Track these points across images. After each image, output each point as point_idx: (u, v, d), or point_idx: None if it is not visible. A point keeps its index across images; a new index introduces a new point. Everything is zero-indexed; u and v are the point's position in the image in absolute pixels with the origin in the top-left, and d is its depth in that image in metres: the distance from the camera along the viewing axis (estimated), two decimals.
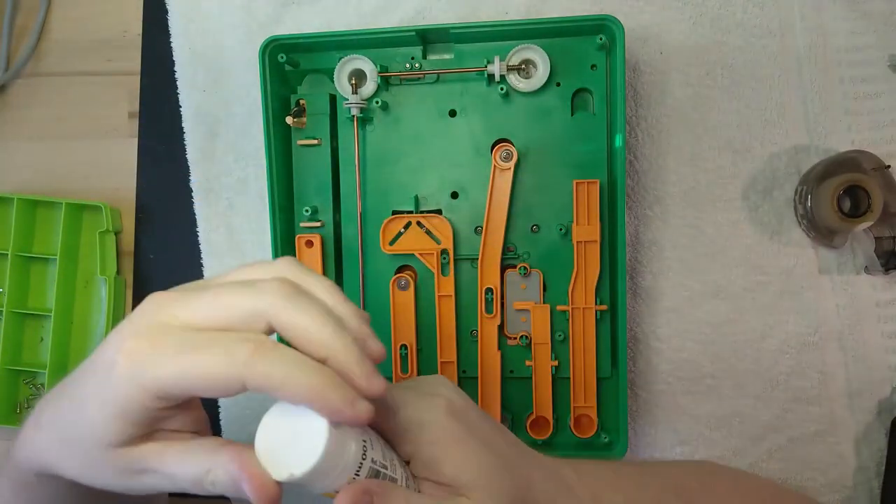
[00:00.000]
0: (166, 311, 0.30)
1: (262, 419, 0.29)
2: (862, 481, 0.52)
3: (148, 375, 0.28)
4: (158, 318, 0.29)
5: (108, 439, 0.29)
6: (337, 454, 0.28)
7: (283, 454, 0.28)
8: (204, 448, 0.30)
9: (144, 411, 0.29)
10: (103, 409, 0.29)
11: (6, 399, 0.57)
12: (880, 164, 0.49)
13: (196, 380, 0.28)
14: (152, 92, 0.58)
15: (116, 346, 0.29)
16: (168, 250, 0.58)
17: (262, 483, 0.28)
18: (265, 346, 0.28)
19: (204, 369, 0.28)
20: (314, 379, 0.27)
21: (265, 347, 0.28)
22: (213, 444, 0.30)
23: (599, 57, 0.49)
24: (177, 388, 0.28)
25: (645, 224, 0.53)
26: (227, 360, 0.27)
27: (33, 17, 0.59)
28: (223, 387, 0.28)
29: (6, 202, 0.56)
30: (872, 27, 0.52)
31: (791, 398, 0.52)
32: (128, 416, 0.29)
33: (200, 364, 0.28)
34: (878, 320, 0.52)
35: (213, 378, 0.28)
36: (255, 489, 0.28)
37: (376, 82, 0.50)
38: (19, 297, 0.57)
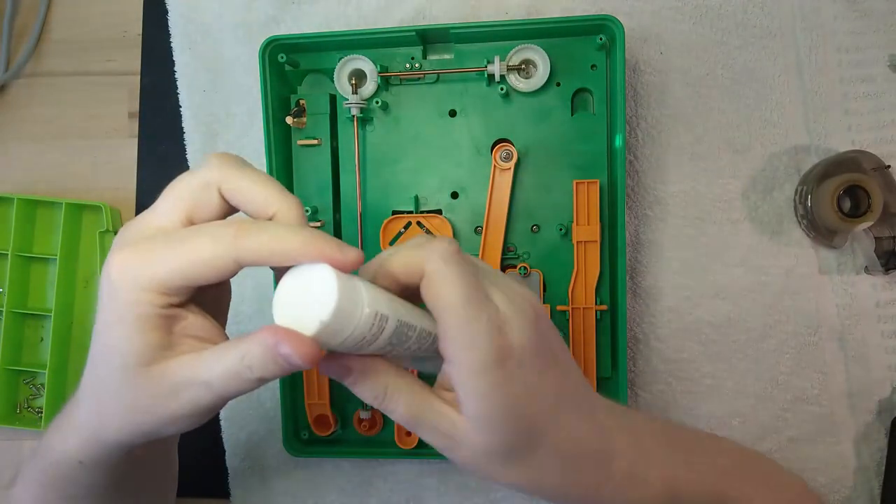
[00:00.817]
0: (137, 225, 0.31)
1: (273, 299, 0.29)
2: (862, 481, 0.52)
3: (145, 276, 0.29)
4: (132, 232, 0.31)
5: (136, 357, 0.30)
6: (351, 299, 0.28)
7: (304, 313, 0.28)
8: (233, 341, 0.30)
9: (156, 313, 0.29)
10: (120, 329, 0.30)
11: (6, 399, 0.57)
12: (880, 164, 0.49)
13: (191, 266, 0.29)
14: (152, 92, 0.58)
15: (108, 270, 0.30)
16: None
17: (299, 341, 0.28)
18: (246, 223, 0.29)
19: (196, 254, 0.29)
20: (298, 236, 0.29)
21: (246, 223, 0.29)
22: (240, 337, 0.30)
23: (599, 57, 0.49)
24: (175, 279, 0.29)
25: (645, 224, 0.53)
26: (214, 243, 0.29)
27: (33, 17, 0.59)
28: (219, 268, 0.29)
29: (6, 202, 0.56)
30: (872, 27, 0.52)
31: (791, 398, 0.52)
32: (142, 323, 0.29)
33: (191, 251, 0.29)
34: (878, 320, 0.52)
35: (206, 262, 0.29)
36: (295, 348, 0.27)
37: (376, 82, 0.50)
38: (19, 297, 0.57)
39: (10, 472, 0.59)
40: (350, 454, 0.53)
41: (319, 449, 0.53)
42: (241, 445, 0.56)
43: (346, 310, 0.28)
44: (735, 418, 0.52)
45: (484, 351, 0.30)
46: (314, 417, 0.53)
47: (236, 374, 0.29)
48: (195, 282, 0.29)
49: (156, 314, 0.30)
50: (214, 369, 0.30)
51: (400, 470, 0.55)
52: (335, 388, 0.53)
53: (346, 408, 0.53)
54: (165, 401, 0.31)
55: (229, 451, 0.56)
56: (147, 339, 0.30)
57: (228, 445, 0.56)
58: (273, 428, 0.55)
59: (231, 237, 0.29)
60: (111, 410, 0.32)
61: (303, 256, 0.29)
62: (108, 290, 0.30)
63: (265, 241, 0.29)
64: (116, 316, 0.30)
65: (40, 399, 0.57)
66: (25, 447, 0.59)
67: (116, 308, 0.30)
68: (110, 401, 0.32)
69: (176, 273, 0.29)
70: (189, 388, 0.30)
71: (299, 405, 0.53)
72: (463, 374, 0.31)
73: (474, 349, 0.30)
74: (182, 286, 0.29)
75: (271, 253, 0.29)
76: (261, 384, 0.30)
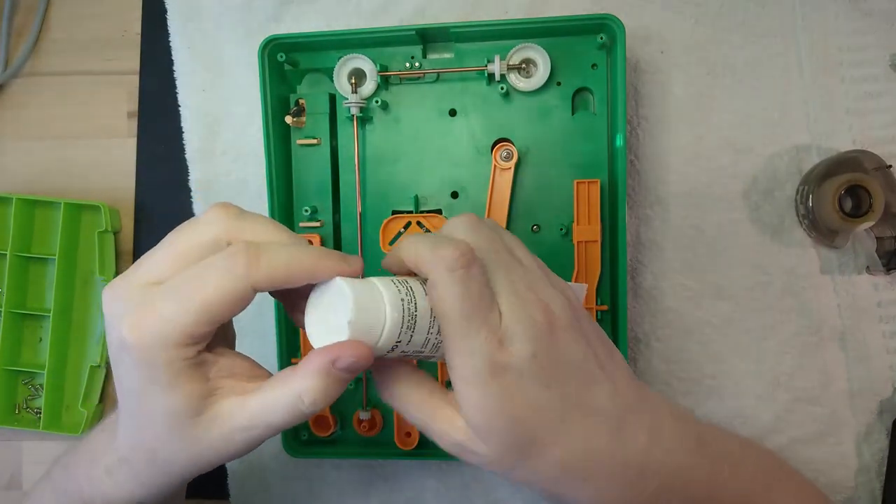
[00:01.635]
0: (134, 281, 0.30)
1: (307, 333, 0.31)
2: (863, 482, 0.51)
3: (168, 333, 0.28)
4: (132, 291, 0.30)
5: (184, 412, 0.30)
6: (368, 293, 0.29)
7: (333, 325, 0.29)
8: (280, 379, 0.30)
9: (189, 366, 0.29)
10: (157, 391, 0.29)
11: (5, 399, 0.57)
12: (882, 163, 0.49)
13: (211, 308, 0.28)
14: (151, 91, 0.58)
15: (121, 336, 0.29)
16: None
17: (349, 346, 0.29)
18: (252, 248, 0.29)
19: (213, 293, 0.28)
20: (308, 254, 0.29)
21: (253, 249, 0.29)
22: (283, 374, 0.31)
23: (600, 56, 0.49)
24: (200, 325, 0.28)
25: (646, 224, 0.53)
26: (229, 277, 0.28)
27: (32, 16, 0.59)
28: (239, 300, 0.29)
29: (5, 202, 0.56)
30: (874, 26, 0.51)
31: (792, 398, 0.52)
32: (179, 380, 0.29)
33: (207, 292, 0.28)
34: (879, 320, 0.51)
35: (224, 299, 0.28)
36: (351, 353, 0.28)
37: (376, 82, 0.50)
38: (18, 298, 0.57)
39: (9, 472, 0.59)
40: (350, 455, 0.53)
41: (319, 450, 0.53)
42: None
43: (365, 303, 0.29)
44: (736, 419, 0.52)
45: (478, 363, 0.30)
46: (314, 418, 0.52)
47: (295, 411, 0.30)
48: (218, 321, 0.29)
49: (189, 366, 0.29)
50: (272, 411, 0.30)
51: (400, 470, 0.55)
52: None
53: (346, 408, 0.53)
54: (221, 446, 0.31)
55: None
56: (188, 391, 0.29)
57: None
58: None
59: (244, 267, 0.28)
60: (168, 465, 0.32)
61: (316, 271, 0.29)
62: (129, 357, 0.29)
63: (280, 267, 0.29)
64: (148, 380, 0.29)
65: (39, 399, 0.57)
66: (24, 449, 0.59)
67: (146, 373, 0.29)
68: (166, 457, 0.32)
69: (199, 318, 0.28)
70: (245, 431, 0.30)
71: None
72: (458, 383, 0.31)
73: (469, 360, 0.30)
74: (207, 331, 0.29)
75: (288, 274, 0.29)
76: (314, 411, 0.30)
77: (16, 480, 0.59)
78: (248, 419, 0.30)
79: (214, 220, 0.31)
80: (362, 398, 0.52)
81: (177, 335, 0.28)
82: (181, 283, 0.29)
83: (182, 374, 0.29)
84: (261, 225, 0.31)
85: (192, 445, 0.31)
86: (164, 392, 0.29)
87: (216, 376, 0.31)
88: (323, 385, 0.29)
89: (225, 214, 0.31)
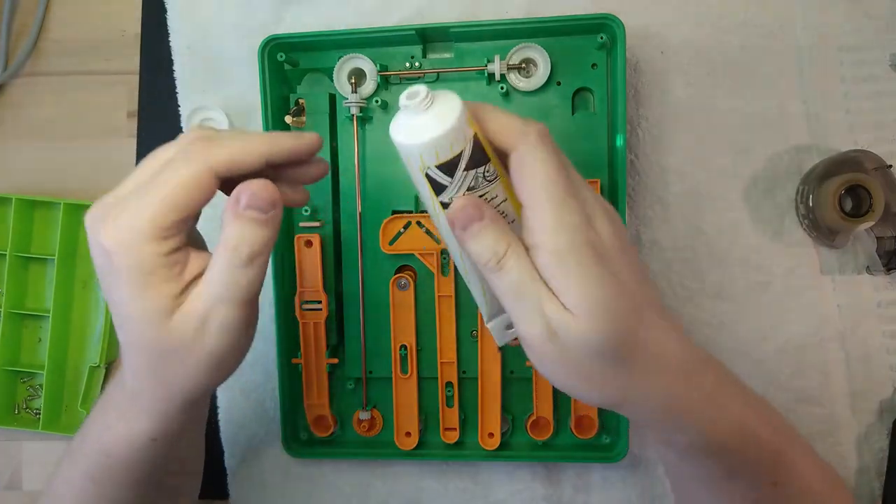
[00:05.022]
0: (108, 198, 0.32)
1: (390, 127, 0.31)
2: (863, 482, 0.51)
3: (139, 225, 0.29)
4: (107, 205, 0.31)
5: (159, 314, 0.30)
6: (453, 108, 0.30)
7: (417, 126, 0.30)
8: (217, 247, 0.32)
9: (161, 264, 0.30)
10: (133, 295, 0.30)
11: (4, 399, 0.57)
12: (882, 163, 0.49)
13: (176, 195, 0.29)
14: (151, 91, 0.58)
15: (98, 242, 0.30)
16: None
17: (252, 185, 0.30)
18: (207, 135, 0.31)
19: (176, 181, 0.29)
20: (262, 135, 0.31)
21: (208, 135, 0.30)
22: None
23: (600, 56, 0.49)
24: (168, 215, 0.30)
25: (646, 224, 0.53)
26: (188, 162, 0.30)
27: (32, 17, 0.59)
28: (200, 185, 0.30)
29: (4, 202, 0.56)
30: (873, 26, 0.51)
31: (792, 399, 0.52)
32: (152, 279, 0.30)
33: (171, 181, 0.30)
34: (879, 320, 0.51)
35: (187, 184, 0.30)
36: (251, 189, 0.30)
37: (376, 81, 0.50)
38: (17, 298, 0.57)
39: (9, 472, 0.58)
40: (349, 455, 0.53)
41: (318, 450, 0.53)
42: (240, 446, 0.56)
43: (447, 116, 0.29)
44: None
45: (576, 237, 0.29)
46: (313, 418, 0.52)
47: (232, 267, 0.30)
48: (186, 210, 0.30)
49: (160, 264, 0.30)
50: (217, 280, 0.31)
51: (399, 471, 0.55)
52: (334, 388, 0.53)
53: (346, 409, 0.53)
54: (200, 338, 0.31)
55: (228, 452, 0.56)
56: (161, 290, 0.30)
57: (227, 446, 0.56)
58: (272, 429, 0.55)
59: (201, 151, 0.30)
60: (167, 374, 0.32)
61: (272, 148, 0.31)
62: (107, 263, 0.30)
63: (235, 145, 0.30)
64: (124, 284, 0.30)
65: (38, 400, 0.57)
66: (23, 449, 0.59)
67: (120, 276, 0.30)
68: (161, 365, 0.32)
69: (165, 208, 0.29)
70: (209, 313, 0.31)
71: (298, 406, 0.53)
72: (554, 260, 0.29)
73: (565, 233, 0.29)
74: (175, 220, 0.30)
75: (243, 153, 0.30)
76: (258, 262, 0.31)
77: (15, 480, 0.58)
78: (202, 298, 0.31)
79: (182, 138, 0.32)
80: (362, 398, 0.52)
81: (147, 228, 0.29)
82: (148, 183, 0.30)
83: (155, 272, 0.30)
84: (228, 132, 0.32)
85: (177, 350, 0.31)
86: (141, 294, 0.30)
87: (190, 272, 0.31)
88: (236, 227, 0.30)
89: (194, 132, 0.32)
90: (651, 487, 0.53)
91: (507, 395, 0.51)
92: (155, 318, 0.30)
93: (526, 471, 0.54)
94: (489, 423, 0.51)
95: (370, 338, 0.52)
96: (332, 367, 0.52)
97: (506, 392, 0.51)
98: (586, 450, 0.51)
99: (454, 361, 0.51)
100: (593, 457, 0.51)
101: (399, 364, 0.51)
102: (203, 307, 0.31)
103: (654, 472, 0.53)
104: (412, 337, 0.51)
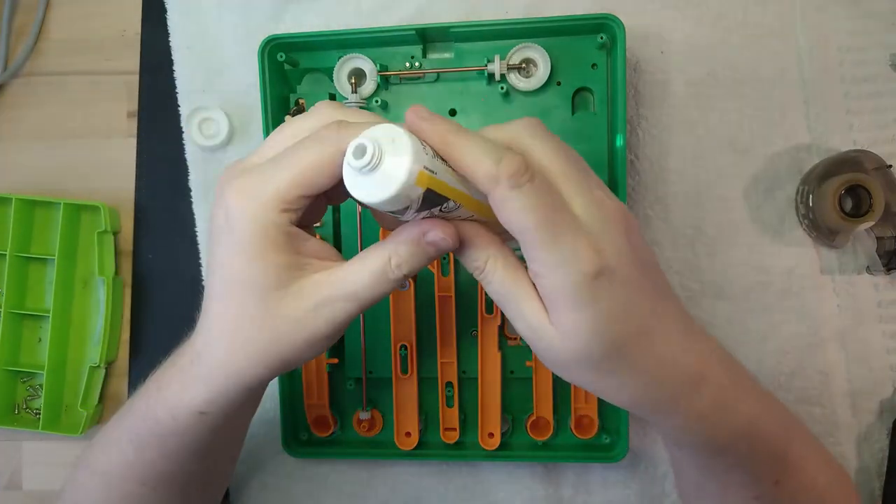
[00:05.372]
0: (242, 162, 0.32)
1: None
2: (863, 482, 0.51)
3: (264, 193, 0.30)
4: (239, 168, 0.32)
5: (271, 281, 0.31)
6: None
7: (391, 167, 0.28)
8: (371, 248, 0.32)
9: (280, 233, 0.30)
10: (246, 258, 0.30)
11: (4, 400, 0.57)
12: (882, 163, 0.49)
13: (304, 173, 0.30)
14: (151, 91, 0.58)
15: (225, 201, 0.31)
16: (166, 250, 0.57)
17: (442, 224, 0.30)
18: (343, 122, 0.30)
19: (307, 160, 0.30)
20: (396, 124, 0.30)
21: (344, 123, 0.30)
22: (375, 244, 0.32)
23: (600, 56, 0.49)
24: (292, 190, 0.30)
25: (646, 224, 0.53)
26: (321, 144, 0.30)
27: (32, 16, 0.58)
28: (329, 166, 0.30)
29: (4, 202, 0.56)
30: (874, 26, 0.52)
31: (792, 399, 0.52)
32: (269, 245, 0.30)
33: (302, 159, 0.30)
34: (879, 320, 0.51)
35: (316, 166, 0.30)
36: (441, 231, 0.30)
37: (376, 81, 0.50)
38: (17, 298, 0.57)
39: (9, 472, 0.58)
40: (349, 455, 0.53)
41: (319, 450, 0.53)
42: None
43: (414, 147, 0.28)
44: None
45: (571, 273, 0.29)
46: (313, 418, 0.52)
47: (382, 277, 0.31)
48: (311, 189, 0.30)
49: (280, 234, 0.30)
50: (360, 278, 0.31)
51: (399, 471, 0.55)
52: (334, 388, 0.53)
53: (346, 409, 0.53)
54: (306, 321, 0.31)
55: None
56: (277, 261, 0.30)
57: None
58: (272, 429, 0.55)
59: (335, 135, 0.30)
60: (250, 346, 0.32)
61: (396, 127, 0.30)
62: (227, 223, 0.31)
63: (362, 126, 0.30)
64: (239, 246, 0.30)
65: (38, 400, 0.57)
66: (23, 449, 0.58)
67: (238, 238, 0.30)
68: (249, 335, 0.32)
69: (293, 182, 0.30)
70: (331, 303, 0.31)
71: (298, 406, 0.53)
72: (549, 292, 0.30)
73: (560, 271, 0.29)
74: (299, 196, 0.30)
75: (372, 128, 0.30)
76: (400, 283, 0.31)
77: (15, 481, 0.58)
78: (334, 287, 0.31)
79: (316, 112, 0.32)
80: (362, 398, 0.52)
81: (272, 197, 0.30)
82: (280, 157, 0.31)
83: (273, 242, 0.30)
84: (358, 113, 0.32)
85: (273, 324, 0.31)
86: (253, 258, 0.30)
87: (306, 254, 0.32)
88: (410, 251, 0.31)
89: (327, 106, 0.33)
90: (651, 487, 0.53)
91: (507, 395, 0.51)
92: (265, 286, 0.31)
93: (526, 471, 0.54)
94: (489, 423, 0.51)
95: (370, 338, 0.52)
96: (332, 367, 0.52)
97: (506, 392, 0.51)
98: (586, 450, 0.51)
99: (454, 361, 0.51)
100: (593, 457, 0.51)
101: (399, 364, 0.51)
102: (328, 294, 0.31)
103: (655, 472, 0.53)
104: (412, 337, 0.51)
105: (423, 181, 0.28)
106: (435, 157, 0.29)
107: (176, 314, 0.56)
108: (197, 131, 0.55)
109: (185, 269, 0.57)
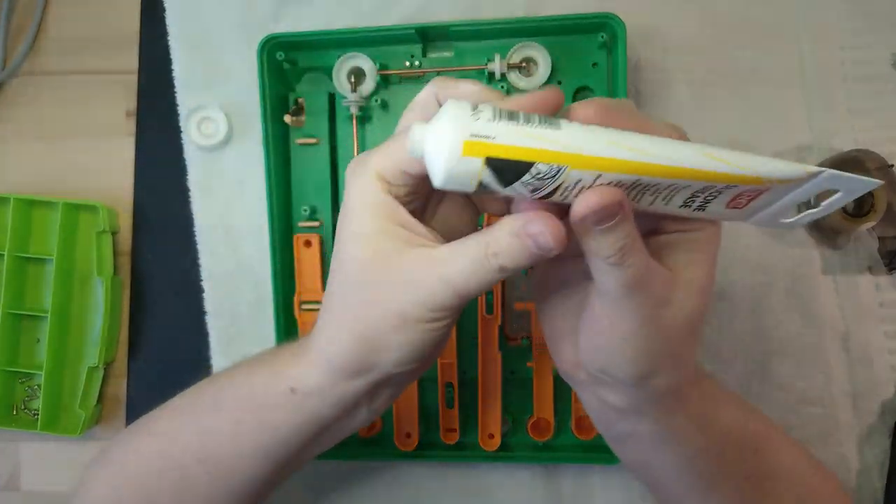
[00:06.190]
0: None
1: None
2: (865, 483, 0.51)
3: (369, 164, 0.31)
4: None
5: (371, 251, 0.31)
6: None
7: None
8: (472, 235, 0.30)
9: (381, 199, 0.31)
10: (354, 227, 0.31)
11: (2, 400, 0.57)
12: (884, 163, 0.49)
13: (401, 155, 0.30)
14: (150, 91, 0.57)
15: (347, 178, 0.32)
16: (165, 250, 0.57)
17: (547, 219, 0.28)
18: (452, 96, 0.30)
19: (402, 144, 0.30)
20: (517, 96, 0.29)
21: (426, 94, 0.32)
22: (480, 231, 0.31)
23: (601, 55, 0.49)
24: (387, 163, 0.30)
25: None
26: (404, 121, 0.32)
27: (30, 16, 0.58)
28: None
29: (2, 202, 0.56)
30: (875, 26, 0.51)
31: (793, 399, 0.52)
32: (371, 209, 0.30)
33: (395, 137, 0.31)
34: (881, 321, 0.51)
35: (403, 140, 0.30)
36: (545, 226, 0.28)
37: (375, 80, 0.50)
38: (16, 298, 0.57)
39: (7, 472, 0.58)
40: (349, 456, 0.53)
41: None
42: None
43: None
44: None
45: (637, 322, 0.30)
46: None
47: (479, 265, 0.29)
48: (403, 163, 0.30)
49: (381, 200, 0.30)
50: (454, 262, 0.30)
51: (400, 472, 0.55)
52: None
53: None
54: (401, 295, 0.30)
55: None
56: (378, 225, 0.30)
57: None
58: None
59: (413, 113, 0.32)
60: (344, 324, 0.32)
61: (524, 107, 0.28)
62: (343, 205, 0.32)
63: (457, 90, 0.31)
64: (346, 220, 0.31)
65: (36, 400, 0.57)
66: (21, 449, 0.58)
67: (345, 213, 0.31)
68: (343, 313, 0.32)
69: (387, 157, 0.30)
70: (425, 282, 0.30)
71: None
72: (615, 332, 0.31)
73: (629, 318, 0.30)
74: (399, 171, 0.30)
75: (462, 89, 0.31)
76: (502, 276, 0.30)
77: (14, 481, 0.58)
78: (423, 268, 0.30)
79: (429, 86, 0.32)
80: None
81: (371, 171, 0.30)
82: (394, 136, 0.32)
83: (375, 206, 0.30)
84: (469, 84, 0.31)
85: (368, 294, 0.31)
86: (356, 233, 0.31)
87: (411, 230, 0.31)
88: (509, 242, 0.29)
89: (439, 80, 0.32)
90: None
91: (508, 395, 0.51)
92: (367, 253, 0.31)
93: (526, 472, 0.53)
94: (489, 424, 0.51)
95: None
96: None
97: (506, 393, 0.51)
98: (587, 451, 0.51)
99: (454, 362, 0.50)
100: (594, 458, 0.50)
101: None
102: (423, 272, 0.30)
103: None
104: None
105: (475, 150, 0.24)
106: (497, 119, 0.25)
107: (175, 314, 0.56)
108: (196, 130, 0.55)
109: (183, 269, 0.57)
